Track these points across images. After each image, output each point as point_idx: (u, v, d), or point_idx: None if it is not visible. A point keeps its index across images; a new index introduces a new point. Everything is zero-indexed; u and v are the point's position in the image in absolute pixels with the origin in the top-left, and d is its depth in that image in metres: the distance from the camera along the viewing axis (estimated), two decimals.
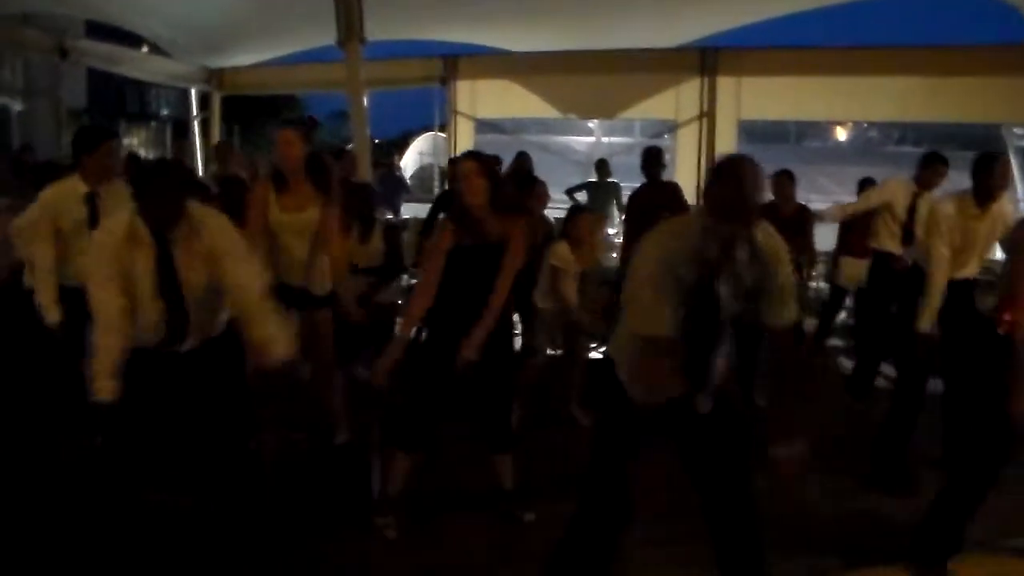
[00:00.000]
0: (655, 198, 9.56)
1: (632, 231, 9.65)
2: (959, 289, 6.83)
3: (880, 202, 9.19)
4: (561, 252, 7.91)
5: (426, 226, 10.56)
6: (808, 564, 5.42)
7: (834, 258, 10.84)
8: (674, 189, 10.05)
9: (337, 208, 6.70)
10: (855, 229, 10.19)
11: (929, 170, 8.93)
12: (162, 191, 4.82)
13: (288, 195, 6.52)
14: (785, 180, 10.03)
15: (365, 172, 10.87)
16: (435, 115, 18.26)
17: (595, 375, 4.38)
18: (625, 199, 14.96)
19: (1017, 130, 19.59)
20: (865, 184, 10.65)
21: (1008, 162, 7.10)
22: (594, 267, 8.35)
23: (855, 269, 10.23)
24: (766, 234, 4.13)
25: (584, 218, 8.20)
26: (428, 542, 5.68)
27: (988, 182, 6.92)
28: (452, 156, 14.38)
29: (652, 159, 10.12)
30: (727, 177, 3.98)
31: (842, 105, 15.17)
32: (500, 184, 5.71)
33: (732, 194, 3.94)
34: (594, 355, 8.46)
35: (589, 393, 7.90)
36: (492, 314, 5.57)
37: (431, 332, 5.76)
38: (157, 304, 4.87)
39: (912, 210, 8.93)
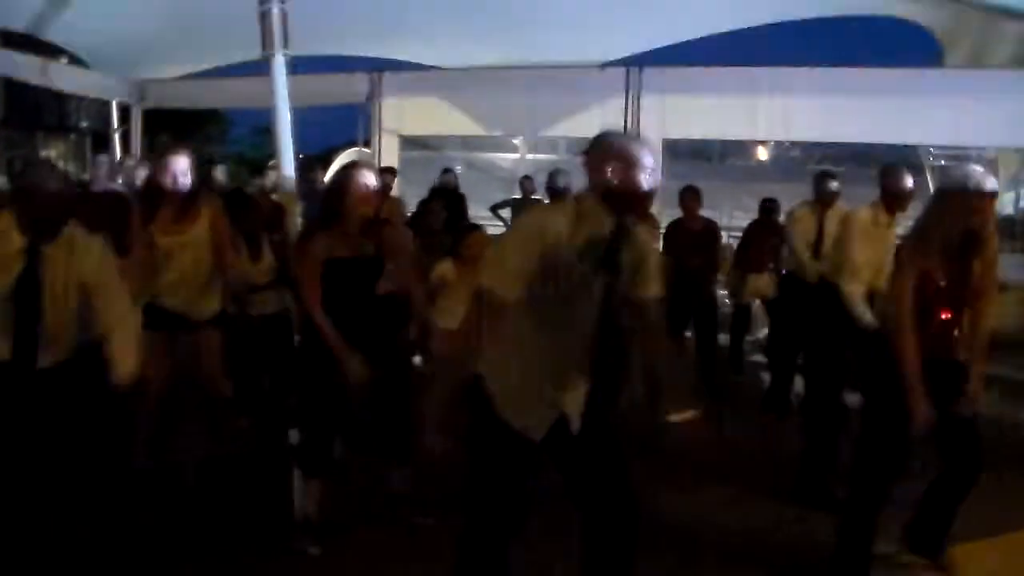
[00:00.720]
0: None
1: None
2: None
3: (807, 234, 9.20)
4: (442, 270, 7.74)
5: None
6: None
7: (738, 275, 10.91)
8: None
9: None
10: (752, 245, 10.34)
11: (824, 187, 9.13)
12: (45, 198, 4.69)
13: (169, 216, 6.55)
14: (691, 196, 10.18)
15: (289, 188, 10.75)
16: (359, 131, 18.18)
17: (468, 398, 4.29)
18: None
19: (933, 150, 19.98)
20: (768, 204, 10.74)
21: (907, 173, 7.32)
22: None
23: (757, 283, 10.34)
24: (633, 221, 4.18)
25: (476, 236, 7.96)
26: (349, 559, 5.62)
27: (897, 188, 7.11)
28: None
29: (557, 179, 10.14)
30: (620, 157, 4.00)
31: (765, 124, 15.30)
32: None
33: (625, 174, 3.98)
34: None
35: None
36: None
37: (315, 350, 5.65)
38: (8, 314, 4.75)
39: (820, 228, 9.05)
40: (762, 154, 39.11)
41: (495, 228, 14.65)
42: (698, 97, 14.62)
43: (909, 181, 7.25)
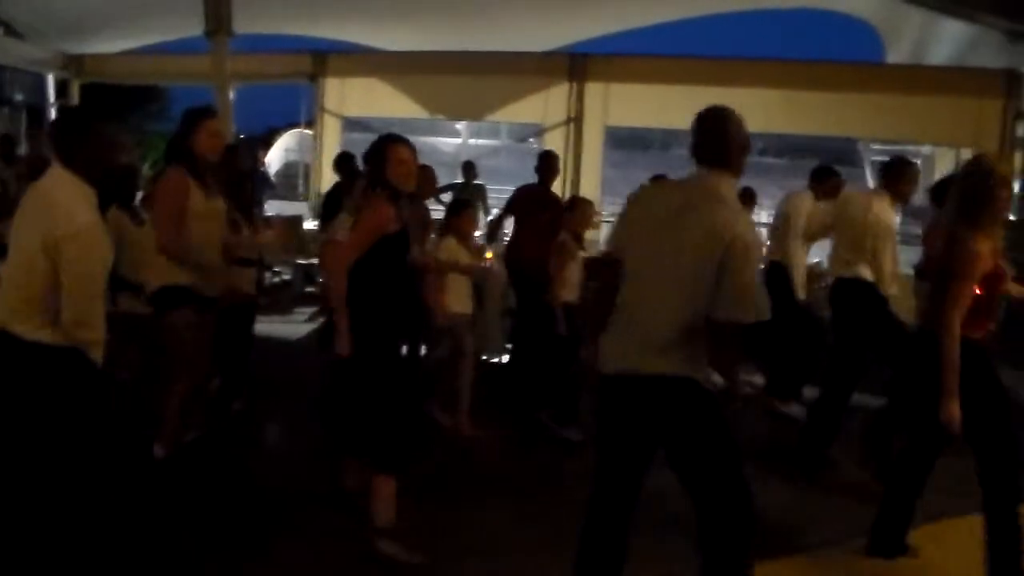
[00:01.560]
0: (545, 197, 9.47)
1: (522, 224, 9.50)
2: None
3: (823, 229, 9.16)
4: (451, 247, 7.63)
5: (323, 221, 10.26)
6: None
7: None
8: (556, 197, 9.94)
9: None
10: None
11: (828, 183, 9.10)
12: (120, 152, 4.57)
13: (199, 185, 6.07)
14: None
15: None
16: (302, 112, 18.06)
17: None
18: (491, 201, 15.02)
19: (873, 145, 20.20)
20: (744, 195, 10.68)
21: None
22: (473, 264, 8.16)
23: None
24: None
25: (470, 212, 8.07)
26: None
27: (913, 185, 7.25)
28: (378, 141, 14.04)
29: (553, 163, 9.93)
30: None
31: None
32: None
33: None
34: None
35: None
36: None
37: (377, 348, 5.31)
38: None
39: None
40: None
41: (437, 213, 14.62)
42: (641, 85, 14.65)
43: (918, 179, 7.47)
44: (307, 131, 18.75)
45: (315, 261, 13.51)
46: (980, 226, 5.00)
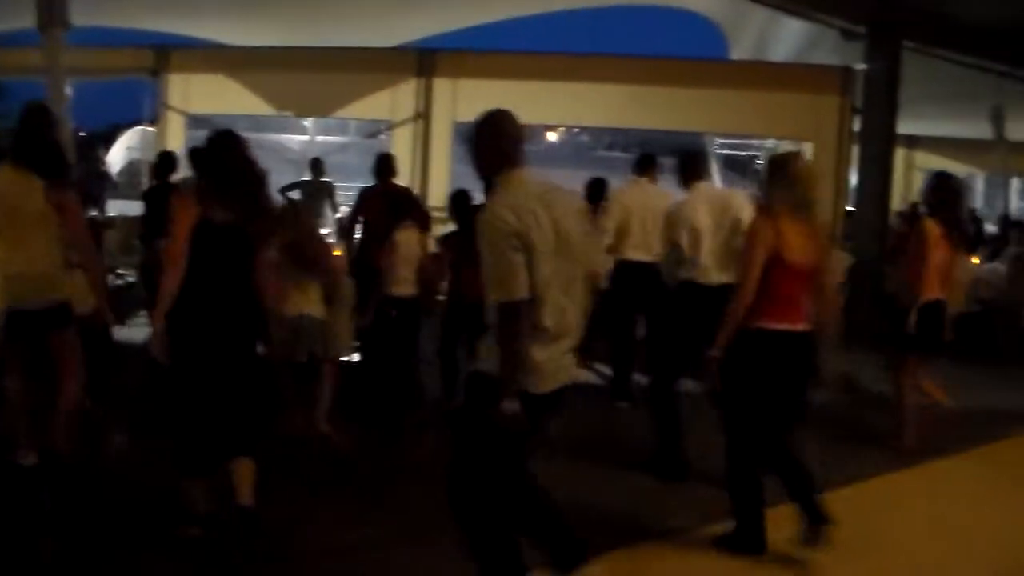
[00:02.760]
0: (393, 199, 9.36)
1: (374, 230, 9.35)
2: None
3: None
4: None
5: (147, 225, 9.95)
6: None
7: None
8: (408, 192, 9.86)
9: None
10: None
11: (653, 170, 9.14)
12: None
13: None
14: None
15: None
16: (144, 108, 17.60)
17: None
18: (339, 198, 14.90)
19: (718, 139, 20.63)
20: (595, 186, 10.60)
21: None
22: None
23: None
24: None
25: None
26: None
27: None
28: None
29: (389, 165, 9.86)
30: None
31: (555, 110, 15.46)
32: None
33: None
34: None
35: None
36: None
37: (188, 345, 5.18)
38: None
39: None
40: (552, 138, 39.76)
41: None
42: (490, 81, 14.65)
43: None
44: (150, 128, 18.27)
45: None
46: None
